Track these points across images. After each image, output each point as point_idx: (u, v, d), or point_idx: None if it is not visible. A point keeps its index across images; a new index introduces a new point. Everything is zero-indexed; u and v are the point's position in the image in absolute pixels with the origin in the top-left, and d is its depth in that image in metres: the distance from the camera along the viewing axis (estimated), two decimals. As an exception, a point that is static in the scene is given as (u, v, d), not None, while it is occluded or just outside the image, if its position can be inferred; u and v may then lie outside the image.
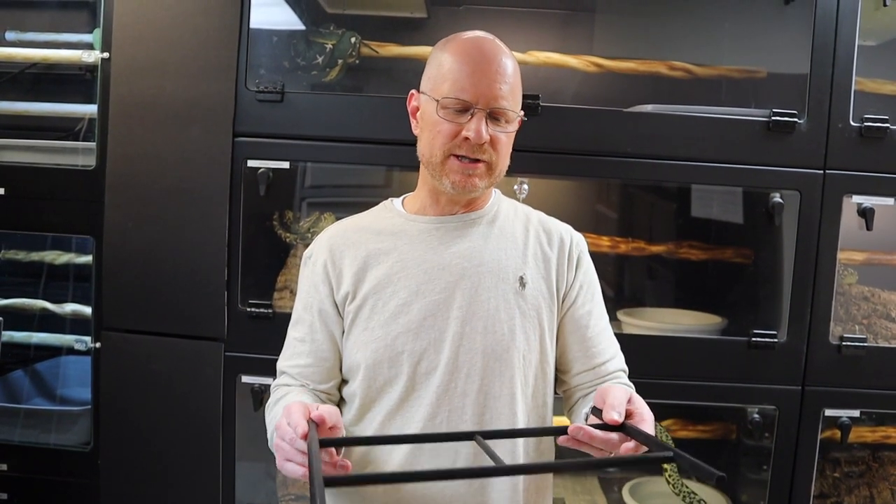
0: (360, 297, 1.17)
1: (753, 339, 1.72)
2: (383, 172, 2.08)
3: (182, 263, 1.73)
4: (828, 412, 1.74)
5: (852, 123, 1.69)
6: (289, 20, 2.00)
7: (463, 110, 1.12)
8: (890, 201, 1.71)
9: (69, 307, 2.05)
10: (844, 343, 1.72)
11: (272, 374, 1.26)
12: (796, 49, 1.71)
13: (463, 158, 1.13)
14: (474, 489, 1.13)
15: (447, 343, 1.14)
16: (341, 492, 1.18)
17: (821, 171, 1.70)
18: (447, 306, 1.15)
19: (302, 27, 1.98)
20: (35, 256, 2.16)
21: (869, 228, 1.70)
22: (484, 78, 1.12)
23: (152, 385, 1.75)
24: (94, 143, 1.81)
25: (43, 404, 2.13)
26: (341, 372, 1.21)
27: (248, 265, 1.75)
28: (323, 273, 1.20)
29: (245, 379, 1.74)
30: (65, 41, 2.02)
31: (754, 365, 1.73)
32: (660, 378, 1.71)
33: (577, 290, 1.23)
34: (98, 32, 1.83)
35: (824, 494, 1.88)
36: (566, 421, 1.22)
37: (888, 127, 1.69)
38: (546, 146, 1.71)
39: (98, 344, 1.80)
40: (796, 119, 1.69)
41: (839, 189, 1.70)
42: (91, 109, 1.90)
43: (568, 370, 1.22)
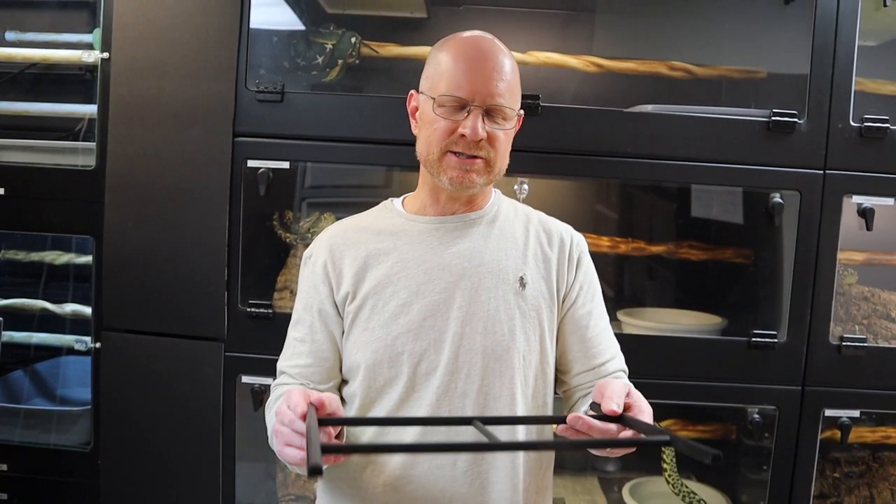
0: (360, 298, 1.17)
1: (753, 340, 1.72)
2: (383, 172, 2.08)
3: (182, 263, 1.73)
4: (828, 412, 1.74)
5: (852, 123, 1.69)
6: (289, 20, 2.00)
7: (460, 108, 1.12)
8: (890, 201, 1.71)
9: (69, 307, 2.05)
10: (844, 343, 1.72)
11: (272, 375, 1.26)
12: (796, 49, 1.71)
13: (460, 155, 1.13)
14: (475, 489, 1.13)
15: (447, 343, 1.14)
16: (341, 492, 1.18)
17: (821, 172, 1.70)
18: (447, 307, 1.15)
19: (302, 27, 1.98)
20: (35, 256, 2.16)
21: (869, 228, 1.70)
22: (480, 75, 1.12)
23: (152, 385, 1.75)
24: (94, 143, 1.81)
25: (43, 404, 2.13)
26: (341, 372, 1.21)
27: (248, 265, 1.75)
28: (323, 273, 1.20)
29: (245, 379, 1.74)
30: (65, 41, 2.02)
31: (754, 365, 1.73)
32: (660, 378, 1.71)
33: (578, 291, 1.23)
34: (98, 32, 1.83)
35: (824, 494, 1.88)
36: None
37: (888, 127, 1.69)
38: (546, 146, 1.71)
39: (98, 344, 1.80)
40: (796, 119, 1.69)
41: (839, 189, 1.70)
42: (91, 109, 1.90)
43: (568, 370, 1.22)
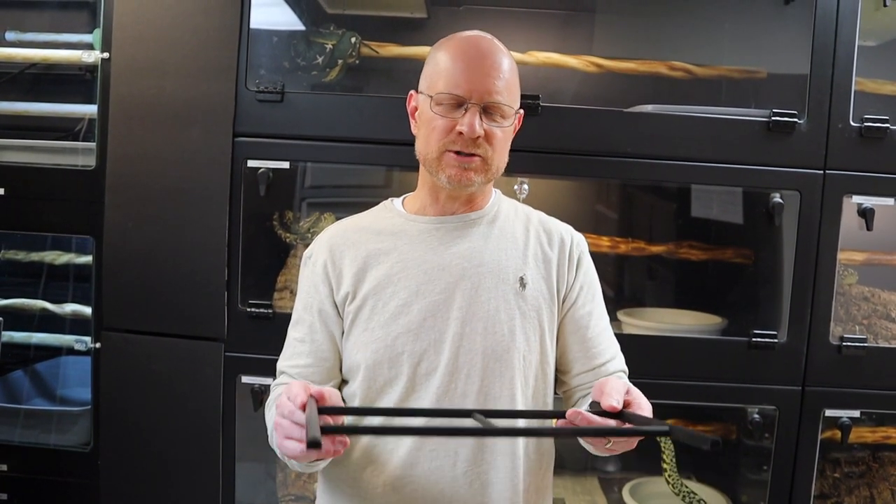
0: (360, 298, 1.17)
1: (753, 340, 1.72)
2: (383, 172, 2.08)
3: (182, 263, 1.73)
4: (828, 412, 1.74)
5: (852, 124, 1.69)
6: (289, 20, 2.00)
7: (457, 105, 1.13)
8: (890, 201, 1.71)
9: (69, 307, 2.04)
10: (844, 343, 1.72)
11: (272, 375, 1.26)
12: (796, 49, 1.71)
13: (459, 153, 1.13)
14: (474, 490, 1.13)
15: (447, 344, 1.14)
16: (341, 492, 1.18)
17: (821, 172, 1.70)
18: (447, 307, 1.15)
19: (302, 27, 1.98)
20: (35, 256, 2.16)
21: (869, 229, 1.70)
22: (477, 73, 1.12)
23: (152, 385, 1.75)
24: (94, 144, 1.81)
25: (43, 404, 2.13)
26: (341, 372, 1.21)
27: (248, 265, 1.75)
28: (323, 273, 1.20)
29: (245, 379, 1.74)
30: (65, 41, 2.02)
31: (754, 365, 1.73)
32: (660, 378, 1.71)
33: (578, 291, 1.23)
34: (98, 32, 1.83)
35: (824, 495, 1.88)
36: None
37: (888, 127, 1.69)
38: (546, 146, 1.71)
39: (98, 344, 1.79)
40: (796, 119, 1.69)
41: (839, 189, 1.70)
42: (91, 109, 1.90)
43: (568, 371, 1.22)
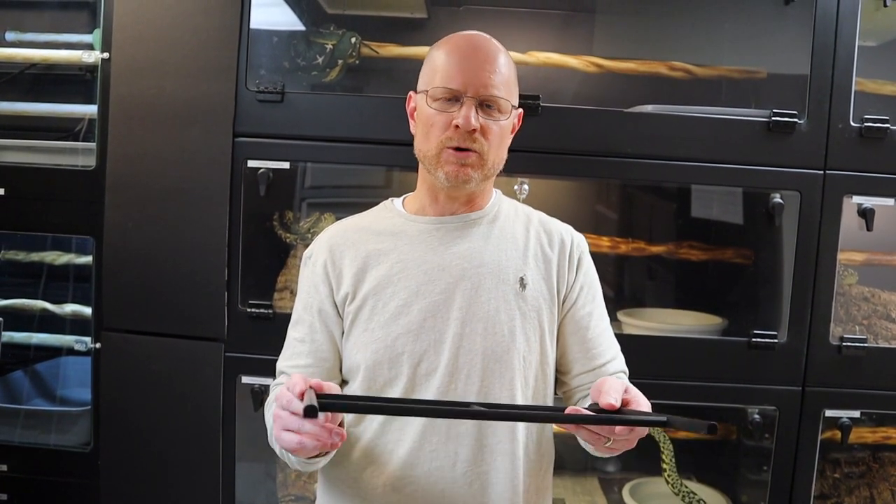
0: (360, 298, 1.17)
1: (754, 340, 1.72)
2: (383, 173, 2.08)
3: (182, 263, 1.73)
4: (828, 413, 1.74)
5: (852, 124, 1.69)
6: (289, 20, 2.00)
7: (453, 99, 1.13)
8: (890, 201, 1.71)
9: (69, 308, 2.05)
10: (845, 343, 1.72)
11: (272, 375, 1.25)
12: (796, 49, 1.71)
13: (457, 150, 1.13)
14: (474, 490, 1.13)
15: (447, 344, 1.14)
16: (341, 492, 1.18)
17: (821, 172, 1.70)
18: (447, 307, 1.15)
19: (302, 27, 1.98)
20: (35, 257, 2.16)
21: (869, 229, 1.70)
22: (472, 66, 1.12)
23: (152, 385, 1.75)
24: (94, 144, 1.81)
25: (43, 405, 2.13)
26: (341, 373, 1.21)
27: (248, 265, 1.75)
28: (323, 273, 1.20)
29: (245, 379, 1.74)
30: (65, 41, 2.02)
31: (754, 365, 1.73)
32: (660, 379, 1.71)
33: (578, 292, 1.23)
34: (98, 33, 1.83)
35: (825, 495, 1.88)
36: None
37: (888, 127, 1.69)
38: (546, 146, 1.71)
39: (98, 344, 1.79)
40: (796, 119, 1.69)
41: (839, 189, 1.70)
42: (91, 110, 1.90)
43: (568, 371, 1.22)
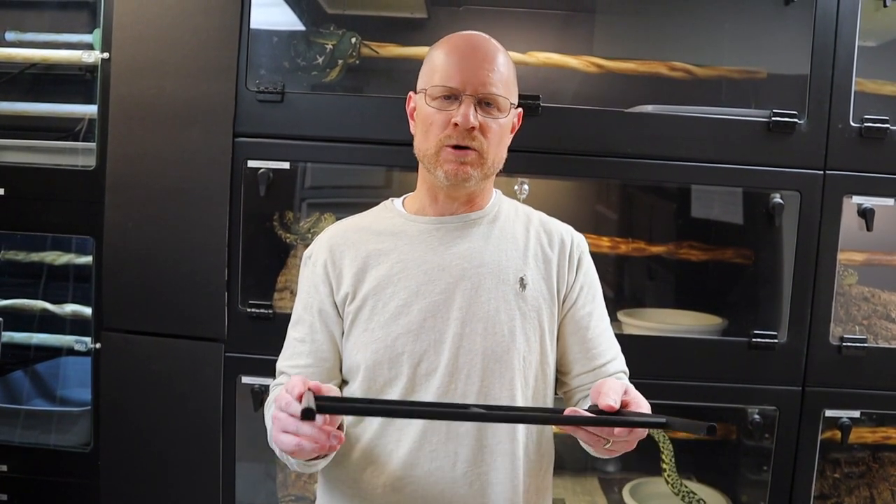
0: (360, 298, 1.17)
1: (754, 340, 1.72)
2: (383, 173, 2.07)
3: (182, 263, 1.73)
4: (828, 413, 1.74)
5: (852, 124, 1.69)
6: (289, 20, 2.00)
7: (452, 98, 1.13)
8: (890, 201, 1.71)
9: (69, 308, 2.04)
10: (845, 344, 1.72)
11: (272, 375, 1.25)
12: (796, 49, 1.71)
13: (456, 148, 1.13)
14: (475, 490, 1.13)
15: (447, 344, 1.14)
16: (341, 493, 1.18)
17: (821, 172, 1.70)
18: (447, 307, 1.15)
19: (302, 27, 1.98)
20: (35, 257, 2.16)
21: (869, 229, 1.70)
22: (471, 65, 1.12)
23: (152, 385, 1.75)
24: (94, 144, 1.81)
25: (43, 405, 2.13)
26: (341, 373, 1.21)
27: (248, 265, 1.75)
28: (323, 273, 1.20)
29: (245, 379, 1.74)
30: (65, 41, 2.02)
31: (754, 365, 1.73)
32: (660, 379, 1.71)
33: (578, 292, 1.23)
34: (98, 32, 1.83)
35: (825, 495, 1.88)
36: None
37: (888, 127, 1.69)
38: (546, 146, 1.71)
39: (98, 344, 1.79)
40: (796, 119, 1.69)
41: (839, 189, 1.70)
42: (91, 110, 1.90)
43: (568, 371, 1.22)
